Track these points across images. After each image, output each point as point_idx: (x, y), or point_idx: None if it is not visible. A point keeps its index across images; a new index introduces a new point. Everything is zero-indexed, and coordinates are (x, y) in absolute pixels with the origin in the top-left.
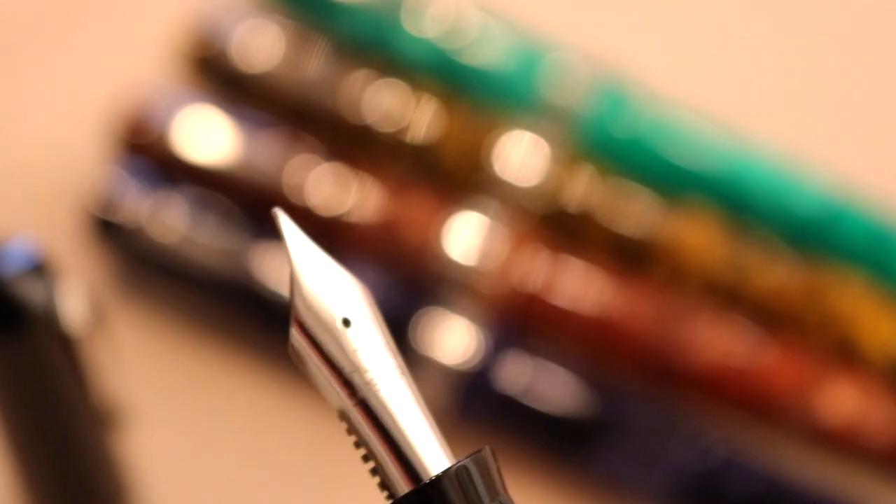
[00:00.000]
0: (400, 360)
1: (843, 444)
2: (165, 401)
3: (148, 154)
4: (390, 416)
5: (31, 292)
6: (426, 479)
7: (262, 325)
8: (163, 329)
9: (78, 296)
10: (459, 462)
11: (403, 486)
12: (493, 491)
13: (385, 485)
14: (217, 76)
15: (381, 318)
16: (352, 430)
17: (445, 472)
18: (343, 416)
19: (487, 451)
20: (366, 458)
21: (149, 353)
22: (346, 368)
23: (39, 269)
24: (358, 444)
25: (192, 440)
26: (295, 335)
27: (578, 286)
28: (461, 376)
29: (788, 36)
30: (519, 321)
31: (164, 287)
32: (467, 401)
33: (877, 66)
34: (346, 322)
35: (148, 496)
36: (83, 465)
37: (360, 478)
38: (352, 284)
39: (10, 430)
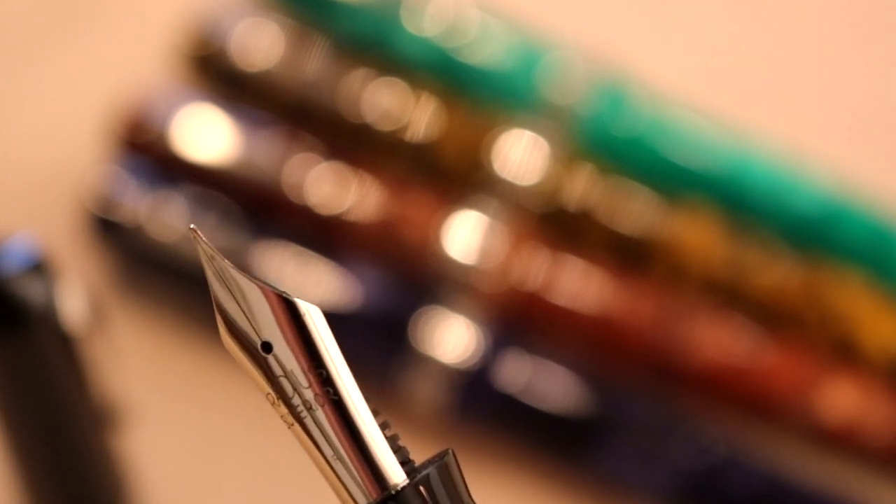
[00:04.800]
0: (335, 377)
1: (842, 443)
2: (165, 400)
3: (147, 153)
4: (312, 445)
5: (31, 291)
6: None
7: None
8: (162, 328)
9: (77, 295)
10: (419, 474)
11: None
12: (457, 499)
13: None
14: (216, 75)
15: (317, 334)
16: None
17: (404, 487)
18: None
19: (450, 456)
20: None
21: (148, 353)
22: (270, 396)
23: (39, 268)
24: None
25: (192, 440)
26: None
27: (578, 285)
28: (461, 375)
29: (788, 34)
30: (518, 320)
31: (163, 286)
32: (467, 400)
33: (877, 64)
34: (267, 346)
35: (148, 496)
36: (83, 464)
37: None
38: (277, 303)
39: (10, 429)
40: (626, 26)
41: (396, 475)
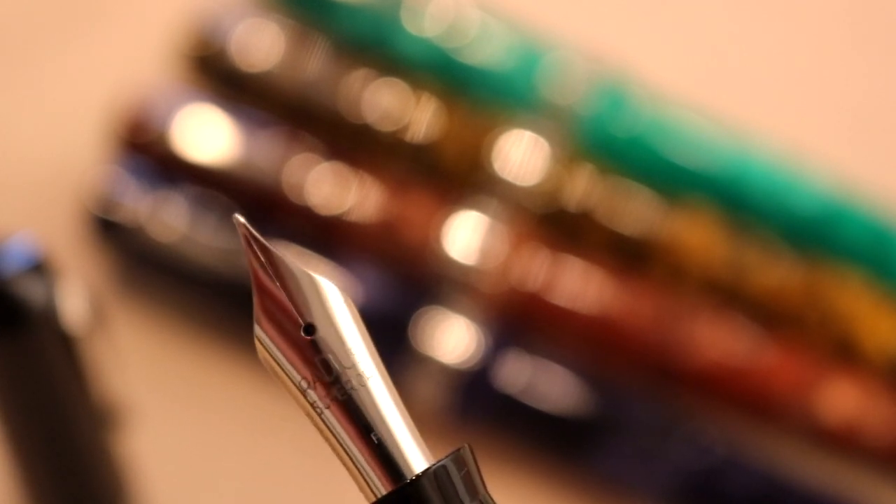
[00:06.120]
0: (372, 360)
1: (842, 443)
2: (165, 400)
3: (148, 153)
4: (349, 428)
5: (31, 291)
6: (386, 489)
7: None
8: (163, 328)
9: (77, 295)
10: (437, 463)
11: (380, 490)
12: (473, 490)
13: (363, 489)
14: (217, 75)
15: (354, 319)
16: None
17: (418, 477)
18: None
19: (466, 449)
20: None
21: (149, 353)
22: (307, 379)
23: (39, 268)
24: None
25: (192, 440)
26: (258, 346)
27: (578, 285)
28: (461, 375)
29: (788, 34)
30: (518, 320)
31: (163, 286)
32: (467, 400)
33: (877, 64)
34: (310, 329)
35: (148, 496)
36: (83, 464)
37: None
38: (319, 286)
39: (10, 430)
40: (626, 26)
41: (413, 466)
